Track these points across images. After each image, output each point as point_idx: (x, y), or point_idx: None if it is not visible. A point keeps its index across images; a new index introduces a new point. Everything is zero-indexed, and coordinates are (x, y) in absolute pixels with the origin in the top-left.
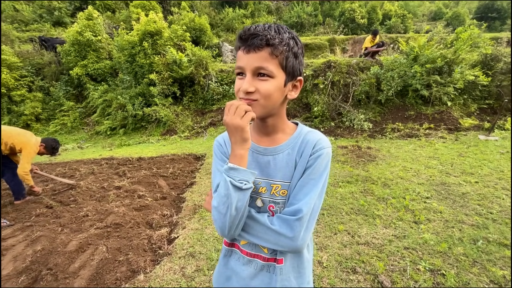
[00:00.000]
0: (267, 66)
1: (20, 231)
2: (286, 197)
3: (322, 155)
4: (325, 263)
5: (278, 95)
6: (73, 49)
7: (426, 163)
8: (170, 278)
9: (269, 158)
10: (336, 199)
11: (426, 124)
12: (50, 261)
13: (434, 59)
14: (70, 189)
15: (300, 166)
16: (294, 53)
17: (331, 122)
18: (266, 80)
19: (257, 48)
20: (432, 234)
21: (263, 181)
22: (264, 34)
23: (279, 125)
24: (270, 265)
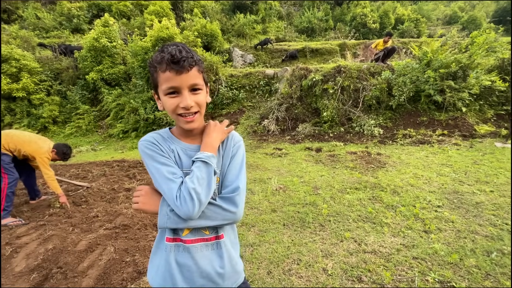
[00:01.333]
0: (198, 81)
1: (34, 229)
2: (219, 183)
3: (241, 146)
4: (330, 270)
5: (205, 103)
6: (90, 55)
7: (438, 170)
8: None
9: None
10: (343, 206)
11: (439, 131)
12: (60, 259)
13: (448, 64)
14: (83, 190)
15: (226, 156)
16: (204, 67)
17: (341, 128)
18: (199, 93)
19: (187, 68)
20: (442, 244)
21: None
22: (189, 57)
23: (201, 126)
24: (213, 243)
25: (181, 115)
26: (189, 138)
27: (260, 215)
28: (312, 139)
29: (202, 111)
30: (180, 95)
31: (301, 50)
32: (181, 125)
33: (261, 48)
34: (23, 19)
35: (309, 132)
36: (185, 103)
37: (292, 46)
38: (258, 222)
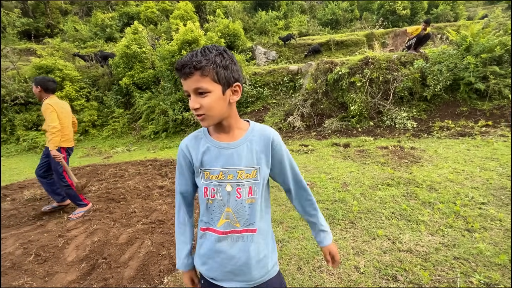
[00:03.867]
0: (201, 85)
1: (81, 224)
2: (251, 180)
3: (282, 145)
4: (362, 268)
5: (220, 103)
6: (122, 61)
7: (482, 164)
8: None
9: (232, 151)
10: (375, 203)
11: (482, 121)
12: (104, 251)
13: (491, 47)
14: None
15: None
16: (223, 66)
17: (370, 122)
18: (205, 96)
19: (189, 74)
20: (488, 244)
21: (230, 170)
22: (190, 62)
23: (233, 124)
24: (244, 235)
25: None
26: (218, 134)
27: (288, 212)
28: (340, 135)
29: (210, 113)
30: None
31: (325, 44)
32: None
33: (284, 44)
34: (64, 32)
35: (336, 127)
36: (190, 106)
37: (316, 40)
38: (286, 218)
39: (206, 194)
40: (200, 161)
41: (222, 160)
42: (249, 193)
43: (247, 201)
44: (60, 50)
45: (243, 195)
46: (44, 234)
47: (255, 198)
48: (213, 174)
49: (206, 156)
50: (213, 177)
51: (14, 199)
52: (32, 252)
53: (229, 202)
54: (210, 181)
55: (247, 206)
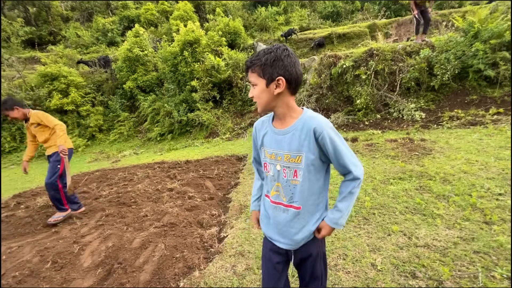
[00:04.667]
0: (251, 79)
1: (95, 229)
2: (296, 164)
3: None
4: (379, 266)
5: (264, 94)
6: (125, 65)
7: (496, 154)
8: (222, 275)
9: (282, 137)
10: (388, 198)
11: (494, 109)
12: (119, 256)
13: (500, 32)
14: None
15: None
16: (268, 64)
17: (377, 114)
18: (254, 88)
19: (246, 71)
20: (508, 237)
21: (280, 152)
22: (249, 61)
23: (285, 112)
24: (289, 209)
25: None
26: (276, 121)
27: None
28: (346, 129)
29: (258, 101)
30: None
31: (327, 37)
32: None
33: (286, 39)
34: (66, 39)
35: (342, 121)
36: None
37: (318, 33)
38: None
39: (265, 168)
40: (262, 141)
41: (274, 144)
42: (294, 175)
43: (291, 182)
44: (64, 57)
45: (288, 176)
46: (59, 240)
47: (298, 180)
48: (268, 153)
49: (265, 138)
50: (268, 156)
51: (28, 207)
52: (49, 259)
53: (279, 179)
54: (266, 159)
55: (292, 186)
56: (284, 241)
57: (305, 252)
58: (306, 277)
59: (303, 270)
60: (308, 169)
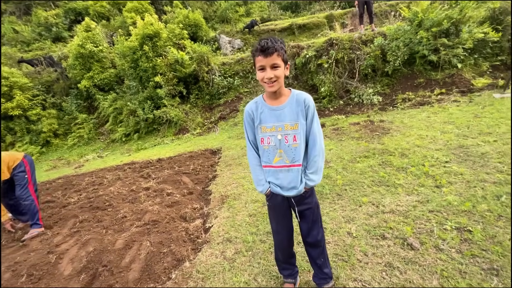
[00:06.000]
0: (277, 62)
1: (70, 237)
2: (294, 130)
3: (311, 106)
4: (354, 233)
5: (283, 75)
6: (78, 63)
7: (441, 128)
8: (213, 262)
9: (280, 111)
10: (356, 174)
11: (438, 90)
12: (103, 259)
13: (439, 21)
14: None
15: (301, 112)
16: (284, 51)
17: (340, 101)
18: (277, 69)
19: (271, 54)
20: (455, 196)
21: (279, 124)
22: (272, 46)
23: (281, 91)
24: (292, 168)
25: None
26: (271, 100)
27: None
28: None
29: (279, 80)
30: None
31: (288, 28)
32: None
33: (249, 31)
34: (2, 35)
35: None
36: (263, 76)
37: (279, 25)
38: None
39: (263, 142)
40: (259, 119)
41: (274, 118)
42: (294, 139)
43: (292, 145)
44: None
45: (289, 141)
46: (30, 253)
47: (298, 143)
48: (268, 127)
49: (262, 115)
50: (268, 130)
51: None
52: (23, 273)
53: (281, 146)
54: (266, 133)
55: (293, 149)
56: (291, 192)
57: (308, 203)
58: (309, 221)
59: (306, 217)
60: (303, 133)
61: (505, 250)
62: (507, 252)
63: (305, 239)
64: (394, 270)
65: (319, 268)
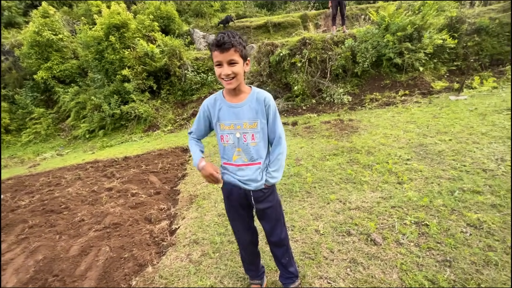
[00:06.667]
0: (234, 58)
1: (16, 244)
2: (253, 129)
3: (272, 105)
4: (321, 230)
5: (241, 71)
6: (33, 51)
7: (404, 128)
8: (178, 265)
9: (239, 109)
10: (325, 172)
11: (402, 91)
12: (54, 268)
13: (404, 26)
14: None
15: (261, 111)
16: (243, 46)
17: (312, 99)
18: (235, 65)
19: (228, 49)
20: (414, 192)
21: (238, 122)
22: (229, 41)
23: (241, 88)
24: (249, 167)
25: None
26: (231, 97)
27: None
28: (287, 114)
29: (238, 77)
30: (222, 67)
31: (263, 25)
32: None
33: (224, 26)
34: None
35: (283, 107)
36: (221, 72)
37: (254, 22)
38: None
39: (222, 140)
40: (217, 116)
41: (233, 116)
42: (252, 138)
43: (251, 144)
44: None
45: (248, 140)
46: None
47: (256, 142)
48: (226, 125)
49: (221, 113)
50: (226, 127)
51: None
52: None
53: (239, 144)
54: (224, 131)
55: (251, 148)
56: (250, 186)
57: (269, 201)
58: (271, 220)
59: (268, 216)
60: (263, 131)
61: (457, 243)
62: (459, 244)
63: (268, 238)
64: (358, 266)
65: (284, 267)
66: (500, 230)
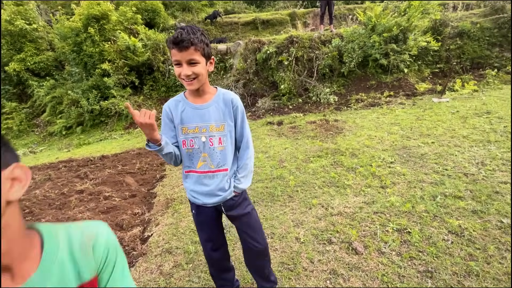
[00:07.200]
0: (194, 57)
1: None
2: (220, 132)
3: (240, 106)
4: (302, 238)
5: (204, 71)
6: (5, 41)
7: (388, 129)
8: (147, 278)
9: (205, 110)
10: (309, 175)
11: (387, 92)
12: None
13: (390, 27)
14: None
15: (228, 113)
16: (206, 43)
17: (299, 99)
18: (196, 66)
19: (186, 48)
20: (397, 196)
21: (204, 125)
22: (188, 39)
23: (205, 89)
24: (217, 174)
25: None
26: (194, 97)
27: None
28: (273, 113)
29: (199, 78)
30: (181, 66)
31: (252, 22)
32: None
33: (211, 22)
34: None
35: (269, 106)
36: (180, 72)
37: (242, 18)
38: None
39: (184, 145)
40: (180, 119)
41: (197, 118)
42: (219, 142)
43: (218, 148)
44: None
45: (214, 144)
46: None
47: (224, 146)
48: (190, 128)
49: (184, 115)
50: (190, 131)
51: None
52: None
53: (205, 149)
54: (188, 135)
55: (218, 152)
56: (215, 200)
57: (242, 208)
58: (249, 228)
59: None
60: (230, 135)
61: (439, 252)
62: (440, 253)
63: (248, 248)
64: (338, 278)
65: (265, 279)
66: (481, 237)
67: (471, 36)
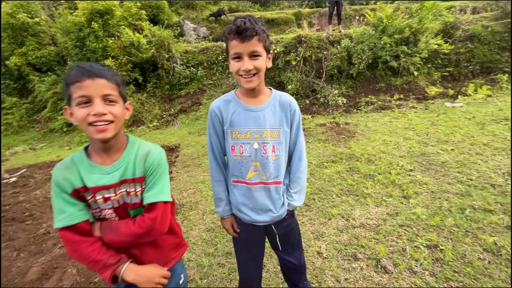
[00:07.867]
0: (258, 49)
1: None
2: (274, 139)
3: (297, 111)
4: (324, 253)
5: (264, 67)
6: (6, 35)
7: (403, 134)
8: None
9: (259, 113)
10: (324, 181)
11: (397, 95)
12: None
13: (401, 29)
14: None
15: (285, 117)
16: (267, 35)
17: (306, 100)
18: (257, 59)
19: (250, 38)
20: (422, 208)
21: (257, 130)
22: (252, 28)
23: (261, 89)
24: (270, 187)
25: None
26: (247, 98)
27: None
28: None
29: (260, 74)
30: (241, 60)
31: None
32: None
33: (215, 19)
34: None
35: None
36: (239, 67)
37: None
38: None
39: (233, 152)
40: (230, 122)
41: (251, 121)
42: (273, 150)
43: (271, 158)
44: None
45: (268, 152)
46: None
47: (278, 155)
48: (241, 133)
49: (235, 117)
50: (241, 136)
51: None
52: None
53: (257, 158)
54: (238, 140)
55: (272, 162)
56: (267, 219)
57: (289, 225)
58: (292, 245)
59: (289, 241)
60: (285, 143)
61: (476, 273)
62: (478, 274)
63: (286, 265)
64: None
65: None
66: None
67: (481, 40)
